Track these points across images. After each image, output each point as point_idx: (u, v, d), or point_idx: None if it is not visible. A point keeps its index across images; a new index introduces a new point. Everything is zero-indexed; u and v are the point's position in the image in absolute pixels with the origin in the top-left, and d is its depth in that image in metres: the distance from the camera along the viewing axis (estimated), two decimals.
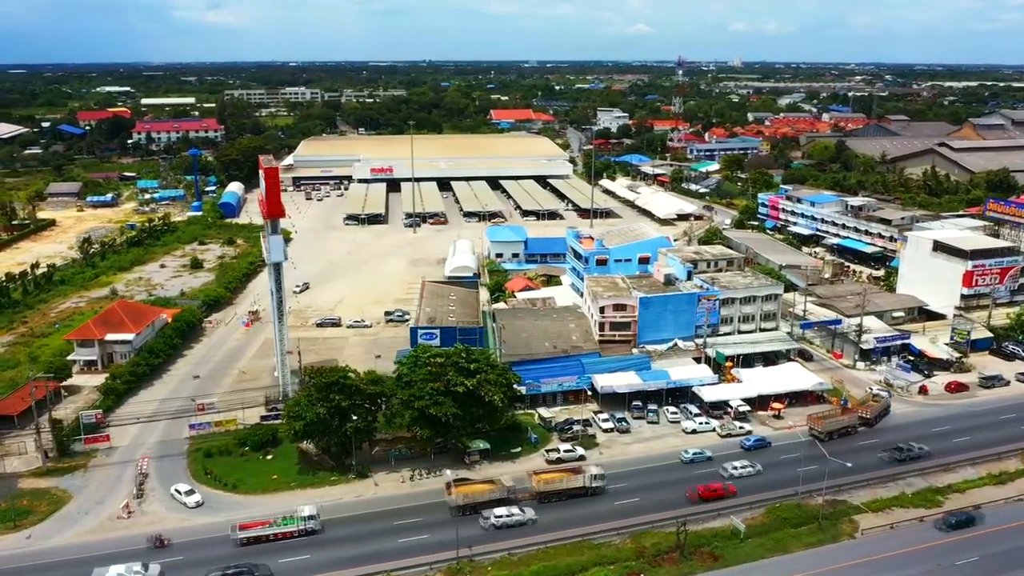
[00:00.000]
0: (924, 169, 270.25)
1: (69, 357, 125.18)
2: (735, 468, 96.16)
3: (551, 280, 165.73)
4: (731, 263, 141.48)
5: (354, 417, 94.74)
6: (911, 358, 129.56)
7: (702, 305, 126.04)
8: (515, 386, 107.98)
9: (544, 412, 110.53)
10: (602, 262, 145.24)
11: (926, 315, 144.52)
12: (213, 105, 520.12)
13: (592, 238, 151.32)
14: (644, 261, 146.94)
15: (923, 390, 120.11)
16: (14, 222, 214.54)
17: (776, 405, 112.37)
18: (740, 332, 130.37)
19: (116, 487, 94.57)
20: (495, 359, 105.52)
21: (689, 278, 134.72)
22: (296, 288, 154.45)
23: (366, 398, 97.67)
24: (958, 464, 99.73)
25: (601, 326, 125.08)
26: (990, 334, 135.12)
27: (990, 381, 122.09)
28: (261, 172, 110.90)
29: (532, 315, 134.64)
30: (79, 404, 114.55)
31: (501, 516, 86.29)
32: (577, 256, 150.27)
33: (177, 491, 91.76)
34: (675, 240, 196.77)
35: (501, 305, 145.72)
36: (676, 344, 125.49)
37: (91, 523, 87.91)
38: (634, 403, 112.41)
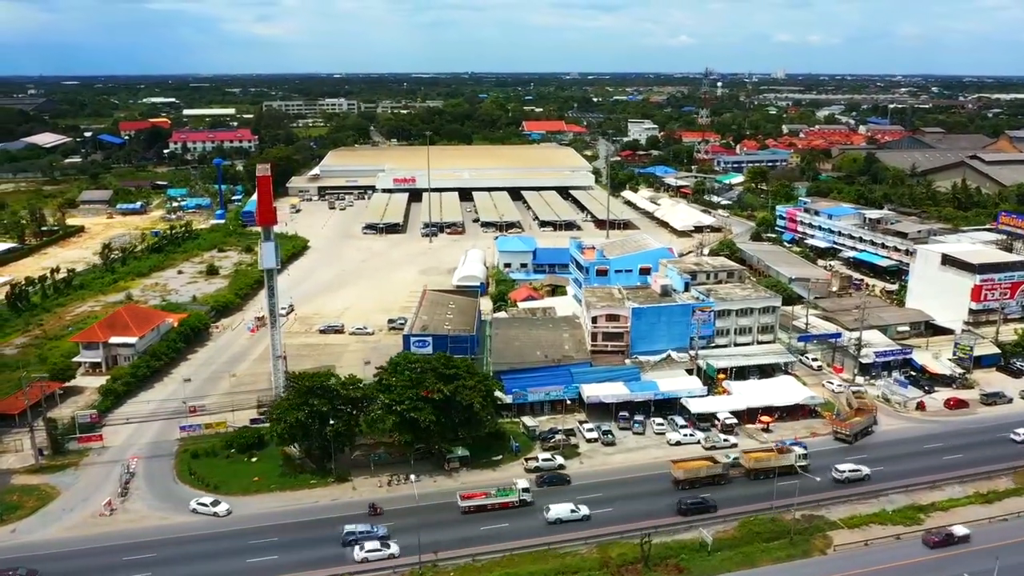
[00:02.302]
0: (954, 182, 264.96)
1: (75, 359, 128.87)
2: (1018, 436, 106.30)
3: (556, 290, 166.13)
4: (731, 275, 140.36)
5: (331, 422, 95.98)
6: (912, 373, 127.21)
7: (697, 316, 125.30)
8: (499, 394, 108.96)
9: (528, 421, 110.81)
10: (602, 272, 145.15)
11: (933, 330, 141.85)
12: (252, 116, 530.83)
13: (594, 248, 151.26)
14: (646, 272, 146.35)
15: (920, 406, 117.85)
16: (43, 228, 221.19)
17: (765, 418, 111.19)
18: (736, 344, 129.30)
19: (103, 485, 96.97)
20: (476, 366, 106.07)
21: (686, 289, 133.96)
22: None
23: (346, 402, 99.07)
24: (945, 482, 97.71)
25: (594, 336, 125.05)
26: (997, 350, 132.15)
27: (991, 398, 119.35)
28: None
29: (528, 324, 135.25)
30: (81, 404, 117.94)
31: (844, 471, 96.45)
32: (579, 266, 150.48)
33: (202, 504, 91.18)
34: (688, 251, 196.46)
35: (501, 314, 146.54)
36: (669, 355, 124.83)
37: (74, 519, 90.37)
38: (621, 413, 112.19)
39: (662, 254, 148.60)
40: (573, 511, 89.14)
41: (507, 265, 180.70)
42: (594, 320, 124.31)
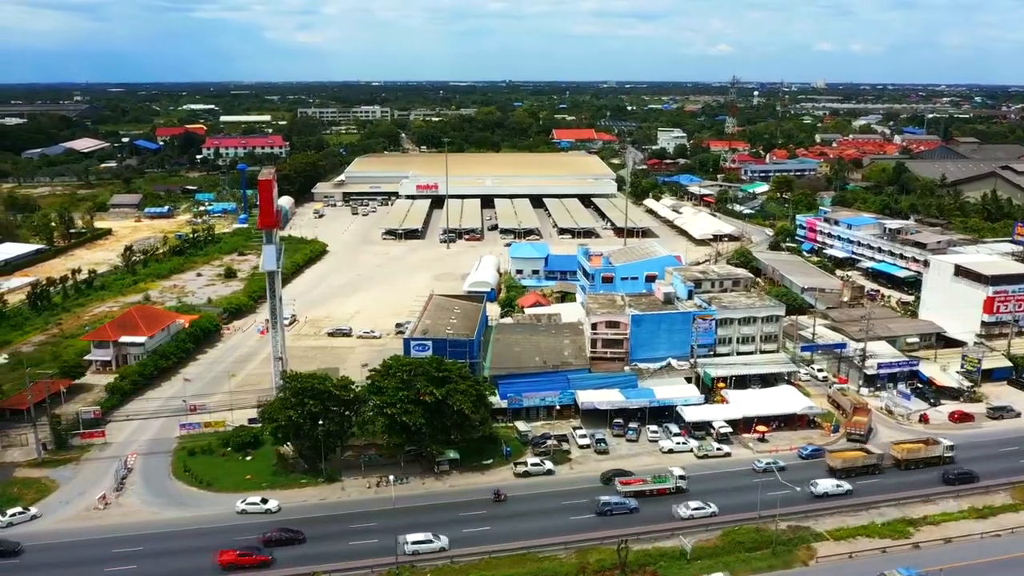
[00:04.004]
0: (984, 193, 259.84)
1: (86, 357, 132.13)
2: None
3: (566, 297, 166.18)
4: (737, 283, 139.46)
5: (320, 422, 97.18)
6: (919, 386, 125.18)
7: (697, 324, 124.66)
8: (492, 398, 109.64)
9: (521, 426, 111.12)
10: (608, 279, 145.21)
11: (945, 342, 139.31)
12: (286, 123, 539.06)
13: (600, 255, 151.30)
14: (652, 279, 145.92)
15: (924, 419, 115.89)
16: (71, 231, 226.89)
17: (761, 428, 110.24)
18: (739, 353, 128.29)
19: (101, 480, 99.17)
20: (467, 370, 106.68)
21: (690, 297, 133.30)
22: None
23: (338, 404, 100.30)
24: (940, 496, 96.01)
25: (593, 343, 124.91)
26: (1009, 363, 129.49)
27: (998, 412, 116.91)
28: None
29: (530, 330, 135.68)
30: (89, 401, 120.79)
31: None
32: (585, 273, 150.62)
33: (251, 503, 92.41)
34: (705, 259, 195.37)
35: (507, 320, 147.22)
36: (670, 363, 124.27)
37: (69, 512, 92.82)
38: (615, 420, 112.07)
39: (668, 262, 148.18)
40: (838, 486, 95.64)
41: (519, 271, 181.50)
42: (594, 327, 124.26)
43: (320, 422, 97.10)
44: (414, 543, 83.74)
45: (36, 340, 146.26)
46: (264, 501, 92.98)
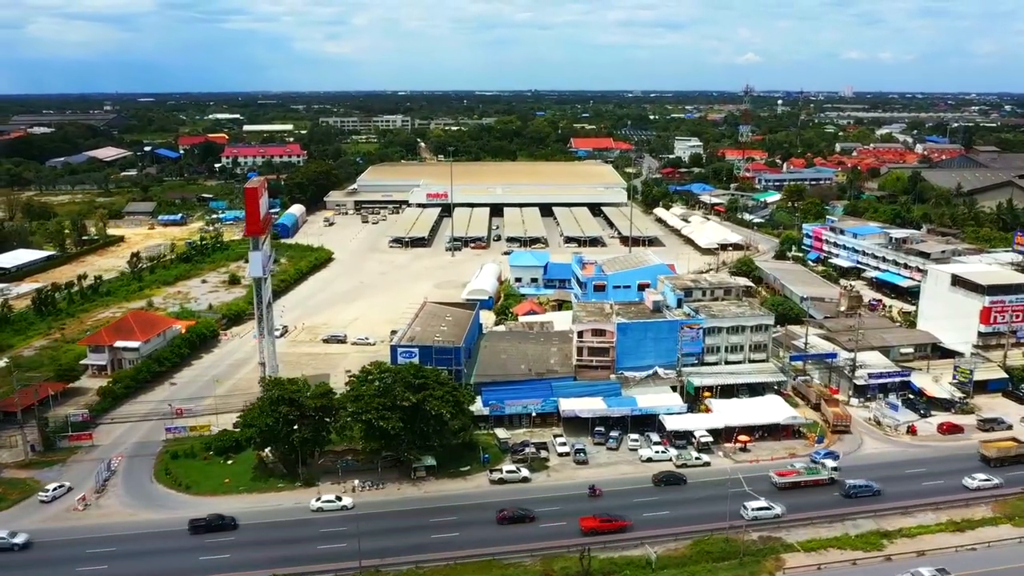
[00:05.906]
0: (999, 202, 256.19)
1: (83, 361, 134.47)
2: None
3: (563, 305, 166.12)
4: (728, 292, 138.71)
5: (295, 427, 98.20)
6: (910, 396, 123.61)
7: (685, 333, 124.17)
8: (475, 405, 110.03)
9: (501, 433, 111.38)
10: (600, 288, 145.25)
11: (941, 352, 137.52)
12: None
13: (593, 264, 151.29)
14: (644, 288, 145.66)
15: (911, 430, 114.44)
16: (84, 237, 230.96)
17: (743, 438, 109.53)
18: (728, 362, 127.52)
19: (85, 481, 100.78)
20: (446, 376, 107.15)
21: (679, 306, 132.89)
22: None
23: (314, 410, 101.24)
24: (918, 508, 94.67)
25: (580, 351, 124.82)
26: (1005, 375, 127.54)
27: (988, 424, 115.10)
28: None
29: (519, 338, 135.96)
30: (83, 404, 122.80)
31: None
32: (579, 282, 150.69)
33: (327, 501, 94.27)
34: (709, 268, 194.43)
35: (499, 328, 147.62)
36: (656, 372, 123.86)
37: (49, 512, 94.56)
38: (597, 428, 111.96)
39: (661, 270, 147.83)
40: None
41: (518, 280, 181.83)
42: (580, 335, 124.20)
43: (295, 427, 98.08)
44: (755, 510, 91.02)
45: (38, 344, 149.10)
46: (338, 498, 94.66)
